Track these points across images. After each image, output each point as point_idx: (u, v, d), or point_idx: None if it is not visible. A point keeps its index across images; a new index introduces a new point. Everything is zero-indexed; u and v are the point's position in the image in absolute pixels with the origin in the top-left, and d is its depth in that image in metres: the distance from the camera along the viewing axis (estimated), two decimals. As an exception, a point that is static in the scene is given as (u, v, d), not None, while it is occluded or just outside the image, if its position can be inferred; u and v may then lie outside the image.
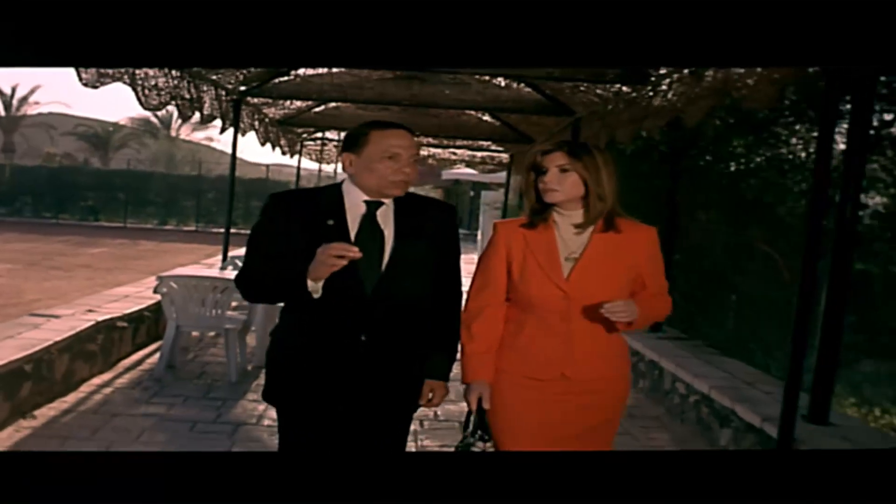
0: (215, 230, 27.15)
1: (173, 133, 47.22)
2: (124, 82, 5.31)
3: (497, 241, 2.53)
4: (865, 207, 4.49)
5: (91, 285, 12.03)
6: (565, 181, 2.40)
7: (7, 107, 43.62)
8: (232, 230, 8.88)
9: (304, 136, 13.14)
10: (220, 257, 9.47)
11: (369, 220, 2.35)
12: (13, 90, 43.81)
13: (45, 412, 4.65)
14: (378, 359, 2.35)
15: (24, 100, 43.94)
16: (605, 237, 2.45)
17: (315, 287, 2.24)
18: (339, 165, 15.23)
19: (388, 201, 2.40)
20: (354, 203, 2.37)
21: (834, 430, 3.89)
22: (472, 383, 2.49)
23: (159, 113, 45.70)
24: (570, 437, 2.46)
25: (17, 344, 4.74)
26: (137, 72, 5.51)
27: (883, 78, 4.36)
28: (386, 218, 2.38)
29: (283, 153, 12.08)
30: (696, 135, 6.74)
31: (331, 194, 2.41)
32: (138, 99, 5.59)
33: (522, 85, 8.08)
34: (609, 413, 2.54)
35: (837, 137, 4.05)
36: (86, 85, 4.75)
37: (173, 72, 6.17)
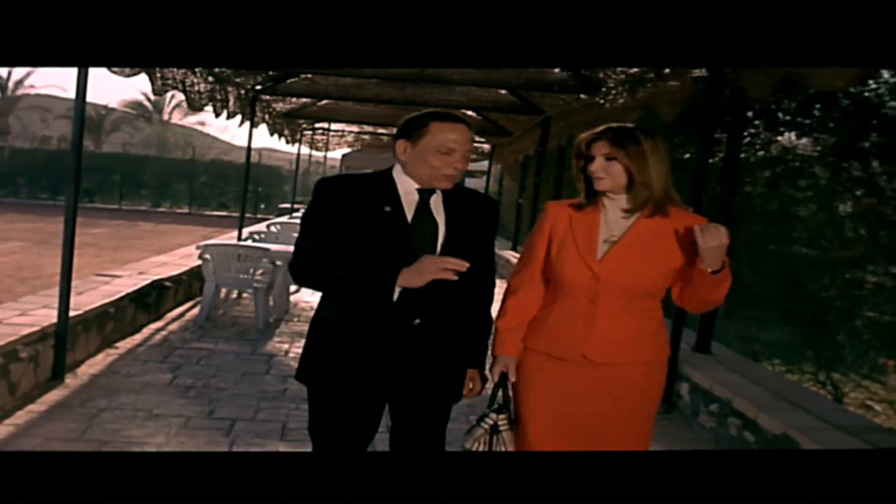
0: (208, 213, 28.04)
1: (165, 117, 48.28)
2: (178, 89, 6.66)
3: (543, 221, 2.52)
4: (737, 195, 5.90)
5: (101, 262, 12.97)
6: (612, 169, 2.36)
7: (3, 89, 44.36)
8: (223, 213, 10.22)
9: (304, 126, 14.54)
10: (223, 236, 10.92)
11: (424, 208, 2.38)
12: (9, 73, 44.60)
13: (123, 345, 6.04)
14: (430, 342, 2.38)
15: (19, 83, 44.73)
16: (649, 223, 2.39)
17: (397, 292, 2.26)
18: (330, 151, 16.54)
19: (438, 190, 2.42)
20: (407, 190, 2.38)
21: (712, 357, 5.34)
22: (498, 357, 2.53)
23: (152, 97, 46.70)
24: (595, 423, 2.45)
25: (99, 293, 6.12)
26: (187, 80, 6.87)
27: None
28: (437, 206, 2.40)
29: (287, 142, 13.46)
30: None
31: (383, 181, 2.41)
32: (188, 101, 6.96)
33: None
34: (638, 402, 2.47)
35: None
36: (156, 94, 6.12)
37: (209, 78, 7.54)
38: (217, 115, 8.01)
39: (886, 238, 5.33)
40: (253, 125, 9.96)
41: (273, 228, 10.79)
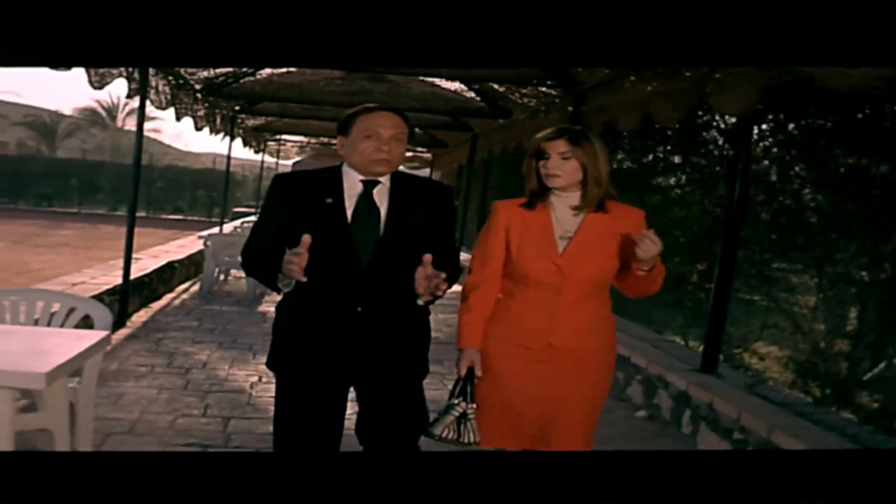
0: (164, 217, 29.30)
1: (119, 124, 49.38)
2: (188, 115, 8.76)
3: (497, 220, 2.62)
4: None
5: (79, 259, 14.32)
6: (566, 167, 2.49)
7: (-42, 96, 44.90)
8: (179, 217, 12.42)
9: (268, 138, 16.75)
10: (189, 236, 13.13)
11: (366, 198, 2.43)
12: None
13: (154, 306, 8.15)
14: (373, 329, 2.42)
15: (-27, 89, 45.37)
16: (597, 217, 2.55)
17: (287, 283, 2.35)
18: (289, 159, 18.87)
19: (384, 180, 2.46)
20: (352, 183, 2.46)
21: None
22: (464, 350, 2.60)
23: (105, 103, 47.87)
24: (554, 399, 2.57)
25: (134, 269, 8.19)
26: (194, 107, 8.98)
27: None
28: (381, 196, 2.45)
29: (255, 151, 15.62)
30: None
31: (330, 175, 2.50)
32: (195, 124, 9.08)
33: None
34: (592, 378, 2.62)
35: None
36: (178, 118, 8.23)
37: (206, 104, 9.63)
38: (211, 132, 10.11)
39: (704, 230, 7.67)
40: (232, 139, 12.10)
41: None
